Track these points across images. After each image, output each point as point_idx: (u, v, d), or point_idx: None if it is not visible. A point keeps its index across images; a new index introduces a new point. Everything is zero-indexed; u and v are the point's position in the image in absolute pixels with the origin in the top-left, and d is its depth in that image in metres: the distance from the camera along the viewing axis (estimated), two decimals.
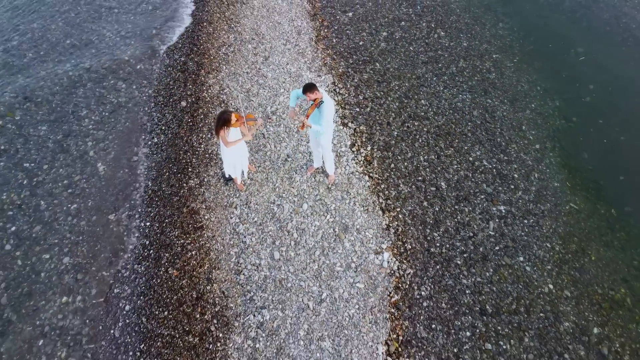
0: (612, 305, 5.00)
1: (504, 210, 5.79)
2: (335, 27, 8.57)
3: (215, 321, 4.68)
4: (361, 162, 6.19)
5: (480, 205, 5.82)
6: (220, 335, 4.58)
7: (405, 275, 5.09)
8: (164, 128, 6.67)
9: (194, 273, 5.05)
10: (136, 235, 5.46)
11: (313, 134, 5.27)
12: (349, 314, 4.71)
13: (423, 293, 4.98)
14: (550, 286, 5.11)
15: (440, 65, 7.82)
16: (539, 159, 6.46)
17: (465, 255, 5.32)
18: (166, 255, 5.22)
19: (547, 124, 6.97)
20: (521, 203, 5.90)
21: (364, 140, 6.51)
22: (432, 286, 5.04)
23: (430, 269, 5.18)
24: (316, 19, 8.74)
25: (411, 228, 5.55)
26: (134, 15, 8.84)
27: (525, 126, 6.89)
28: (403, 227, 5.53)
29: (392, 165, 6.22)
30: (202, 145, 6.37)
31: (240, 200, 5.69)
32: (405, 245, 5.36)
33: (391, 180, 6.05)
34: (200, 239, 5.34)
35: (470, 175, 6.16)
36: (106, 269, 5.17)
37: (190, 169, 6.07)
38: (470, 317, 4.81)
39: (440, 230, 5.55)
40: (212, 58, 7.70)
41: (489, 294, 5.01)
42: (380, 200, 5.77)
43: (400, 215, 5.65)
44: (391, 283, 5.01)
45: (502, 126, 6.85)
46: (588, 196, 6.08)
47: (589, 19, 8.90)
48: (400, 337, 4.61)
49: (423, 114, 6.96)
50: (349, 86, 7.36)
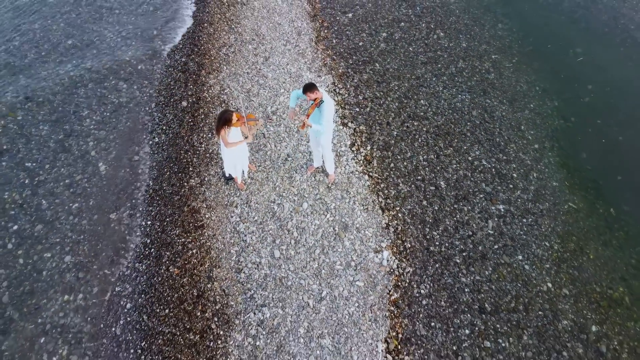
0: (611, 304, 5.03)
1: (502, 210, 5.83)
2: (335, 28, 8.62)
3: (216, 319, 4.71)
4: (361, 162, 6.23)
5: (479, 205, 5.86)
6: (221, 332, 4.60)
7: (404, 273, 5.12)
8: (165, 128, 6.70)
9: (195, 271, 5.08)
10: (137, 234, 5.50)
11: (313, 134, 5.30)
12: (348, 311, 4.74)
13: (422, 291, 5.01)
14: (549, 284, 5.14)
15: (439, 65, 7.86)
16: (537, 159, 6.49)
17: (464, 253, 5.35)
18: (167, 253, 5.25)
19: (546, 124, 7.01)
20: (520, 202, 5.93)
21: (363, 139, 6.55)
22: (432, 284, 5.07)
23: (430, 268, 5.22)
24: (316, 20, 8.78)
25: (410, 227, 5.58)
26: (135, 16, 8.89)
27: (524, 126, 6.93)
28: (402, 226, 5.56)
29: (392, 165, 6.26)
30: (203, 145, 6.40)
31: (241, 199, 5.73)
32: (405, 244, 5.39)
33: (391, 180, 6.08)
34: (201, 238, 5.37)
35: (470, 174, 6.20)
36: (107, 267, 5.21)
37: (191, 169, 6.11)
38: (469, 315, 4.84)
39: (440, 229, 5.58)
40: (213, 58, 7.74)
41: (487, 292, 5.04)
42: (380, 200, 5.81)
43: (399, 214, 5.68)
44: (391, 281, 5.04)
45: (501, 126, 6.89)
46: (586, 195, 6.11)
47: (587, 20, 8.94)
48: (400, 335, 4.64)
49: (422, 114, 7.00)
50: (348, 86, 7.40)
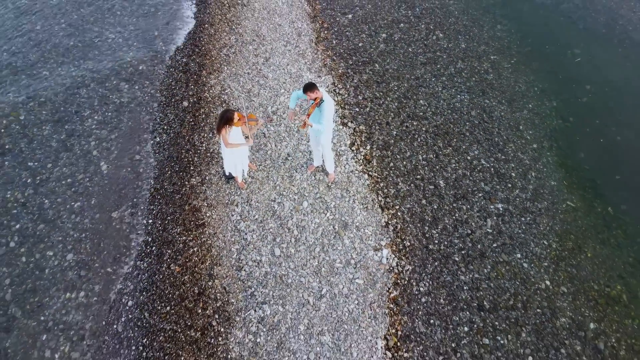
0: (608, 302, 5.07)
1: (501, 208, 5.87)
2: (335, 29, 8.68)
3: (216, 316, 4.74)
4: (361, 161, 6.27)
5: (478, 203, 5.90)
6: (222, 330, 4.64)
7: (404, 271, 5.16)
8: (166, 128, 6.76)
9: (196, 269, 5.12)
10: (139, 232, 5.54)
11: (313, 133, 5.35)
12: (348, 309, 4.78)
13: (421, 289, 5.05)
14: (547, 282, 5.18)
15: (438, 66, 7.91)
16: (536, 158, 6.54)
17: (463, 252, 5.40)
18: (168, 251, 5.29)
19: (545, 124, 7.06)
20: (518, 201, 5.98)
21: (363, 139, 6.60)
22: (431, 282, 5.11)
23: (429, 266, 5.26)
24: (316, 21, 8.85)
25: (410, 225, 5.62)
26: (136, 17, 8.95)
27: (522, 126, 6.98)
28: (402, 225, 5.61)
29: (391, 164, 6.30)
30: (204, 145, 6.45)
31: (242, 198, 5.77)
32: (404, 242, 5.43)
33: (390, 179, 6.12)
34: (202, 236, 5.42)
35: (468, 173, 6.24)
36: (109, 265, 5.25)
37: (192, 168, 6.15)
38: (468, 313, 4.88)
39: (439, 227, 5.63)
40: (214, 59, 7.80)
41: (486, 290, 5.08)
42: (380, 198, 5.85)
43: (399, 213, 5.73)
44: (390, 279, 5.08)
45: (500, 126, 6.94)
46: (585, 195, 6.16)
47: (585, 21, 9.01)
48: (399, 332, 4.68)
49: (422, 113, 7.05)
50: (348, 87, 7.45)
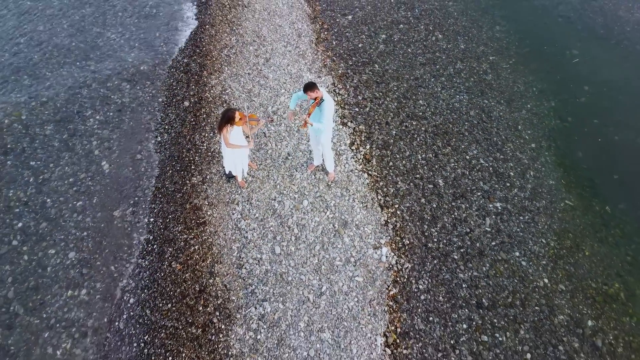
0: (606, 299, 5.11)
1: (500, 207, 5.91)
2: (335, 30, 8.74)
3: (217, 313, 4.78)
4: (360, 160, 6.32)
5: (476, 202, 5.94)
6: (223, 326, 4.68)
7: (403, 269, 5.20)
8: (167, 127, 6.81)
9: (197, 267, 5.17)
10: (140, 230, 5.59)
11: (313, 132, 5.40)
12: (348, 306, 4.82)
13: (421, 287, 5.09)
14: (546, 280, 5.22)
15: (438, 66, 7.97)
16: (534, 158, 6.59)
17: (462, 250, 5.44)
18: (170, 249, 5.34)
19: (543, 123, 7.11)
20: (517, 200, 6.02)
21: (363, 139, 6.65)
22: (430, 280, 5.15)
23: (428, 264, 5.30)
24: (316, 22, 8.91)
25: (409, 224, 5.66)
26: (138, 19, 9.02)
27: (521, 126, 7.03)
28: (401, 223, 5.65)
29: (391, 164, 6.35)
30: (205, 144, 6.50)
31: (242, 196, 5.82)
32: (404, 240, 5.47)
33: (390, 178, 6.17)
34: (203, 234, 5.46)
35: (467, 173, 6.29)
36: (111, 263, 5.29)
37: (193, 167, 6.20)
38: (466, 310, 4.91)
39: (438, 226, 5.67)
40: (215, 59, 7.86)
41: (485, 287, 5.12)
42: (379, 197, 5.90)
43: (398, 212, 5.77)
44: (389, 277, 5.12)
45: (499, 126, 6.99)
46: (583, 194, 6.20)
47: (583, 22, 9.07)
48: (399, 329, 4.72)
49: (421, 113, 7.10)
50: (348, 87, 7.51)
